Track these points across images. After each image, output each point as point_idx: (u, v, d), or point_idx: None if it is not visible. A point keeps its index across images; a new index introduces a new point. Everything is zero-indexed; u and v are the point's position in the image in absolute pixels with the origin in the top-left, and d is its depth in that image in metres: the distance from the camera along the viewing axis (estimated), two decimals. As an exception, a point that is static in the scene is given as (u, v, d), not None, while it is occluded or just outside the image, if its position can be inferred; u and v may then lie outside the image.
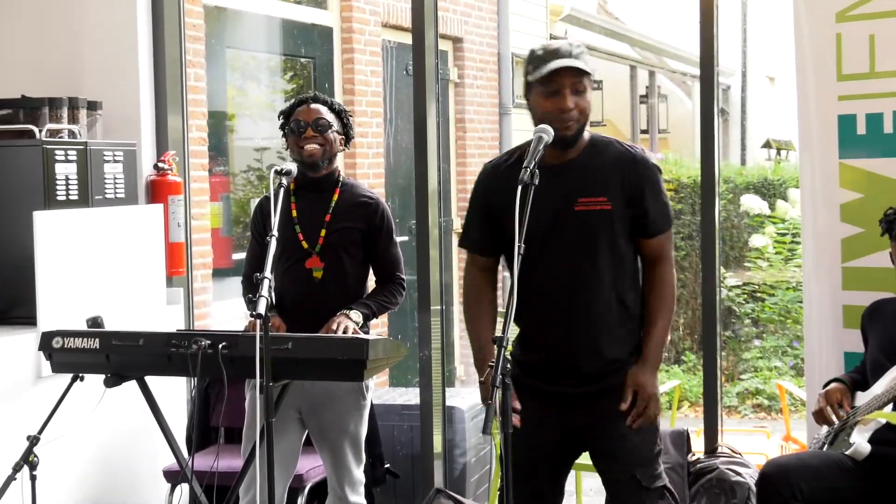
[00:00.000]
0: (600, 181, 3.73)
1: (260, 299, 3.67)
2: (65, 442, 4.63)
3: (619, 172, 3.75)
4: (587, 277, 3.73)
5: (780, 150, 17.35)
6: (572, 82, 3.65)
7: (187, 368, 4.07)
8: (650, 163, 3.80)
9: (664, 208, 3.82)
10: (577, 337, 3.75)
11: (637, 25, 16.74)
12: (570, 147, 3.73)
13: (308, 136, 4.48)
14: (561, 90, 3.65)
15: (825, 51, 5.02)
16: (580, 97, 3.67)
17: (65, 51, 5.89)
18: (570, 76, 3.65)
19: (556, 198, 3.71)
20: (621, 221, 3.74)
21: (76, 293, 5.03)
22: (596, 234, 3.72)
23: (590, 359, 3.76)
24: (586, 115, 3.71)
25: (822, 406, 4.34)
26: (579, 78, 3.66)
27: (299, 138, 4.48)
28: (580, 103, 3.67)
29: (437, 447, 5.76)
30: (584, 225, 3.71)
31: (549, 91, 3.67)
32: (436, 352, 5.77)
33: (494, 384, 3.19)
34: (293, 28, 8.41)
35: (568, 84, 3.65)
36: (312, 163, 4.48)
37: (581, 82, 3.66)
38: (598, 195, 3.72)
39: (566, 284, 3.73)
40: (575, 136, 3.71)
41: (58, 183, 5.11)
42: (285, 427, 4.47)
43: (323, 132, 4.50)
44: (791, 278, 10.92)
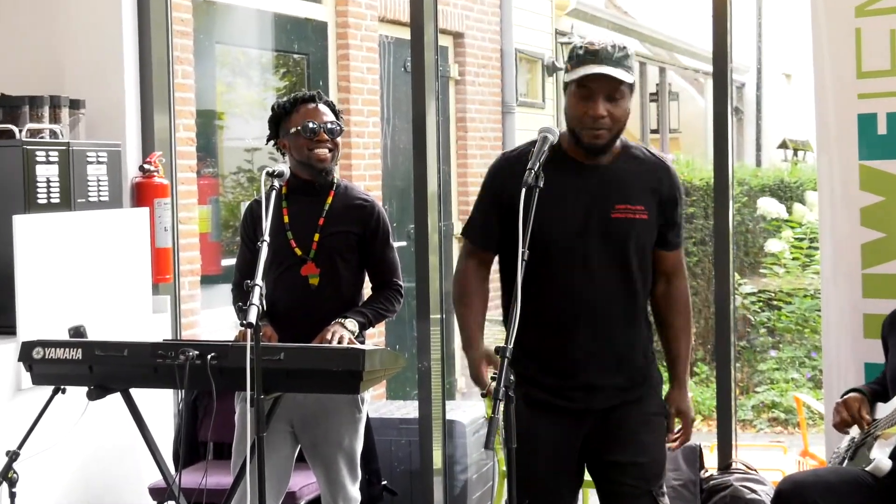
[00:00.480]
0: (639, 189, 3.76)
1: (251, 308, 3.67)
2: (46, 458, 4.63)
3: (656, 182, 3.79)
4: (618, 287, 3.74)
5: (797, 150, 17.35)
6: (607, 89, 3.64)
7: (174, 380, 4.06)
8: (677, 174, 3.88)
9: (682, 222, 3.90)
10: (601, 349, 3.75)
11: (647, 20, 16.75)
12: (602, 154, 3.73)
13: (321, 139, 4.48)
14: (594, 96, 3.65)
15: (844, 47, 5.03)
16: (615, 105, 3.65)
17: (46, 46, 5.90)
18: (605, 83, 3.64)
19: (590, 199, 3.72)
20: (652, 233, 3.79)
21: (58, 301, 5.03)
22: (630, 242, 3.73)
23: (614, 373, 3.77)
24: (621, 124, 3.70)
25: (843, 416, 4.34)
26: (616, 85, 3.64)
27: (311, 141, 4.48)
28: (614, 112, 3.66)
29: (437, 463, 5.77)
30: (620, 232, 3.72)
31: (583, 95, 3.66)
32: (435, 363, 5.77)
33: (497, 397, 3.19)
34: (286, 22, 8.42)
35: (602, 91, 3.64)
36: (322, 168, 4.48)
37: (618, 90, 3.65)
38: (636, 203, 3.74)
39: (594, 292, 3.72)
40: (606, 145, 3.70)
41: (38, 185, 5.11)
42: (277, 442, 4.47)
43: (334, 137, 4.51)
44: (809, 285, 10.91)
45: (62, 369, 4.27)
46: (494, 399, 3.20)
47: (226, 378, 4.04)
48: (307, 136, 4.47)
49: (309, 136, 4.47)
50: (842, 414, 4.34)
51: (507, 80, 11.13)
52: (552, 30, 12.35)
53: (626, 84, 3.66)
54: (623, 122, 3.71)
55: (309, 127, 4.47)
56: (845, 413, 4.33)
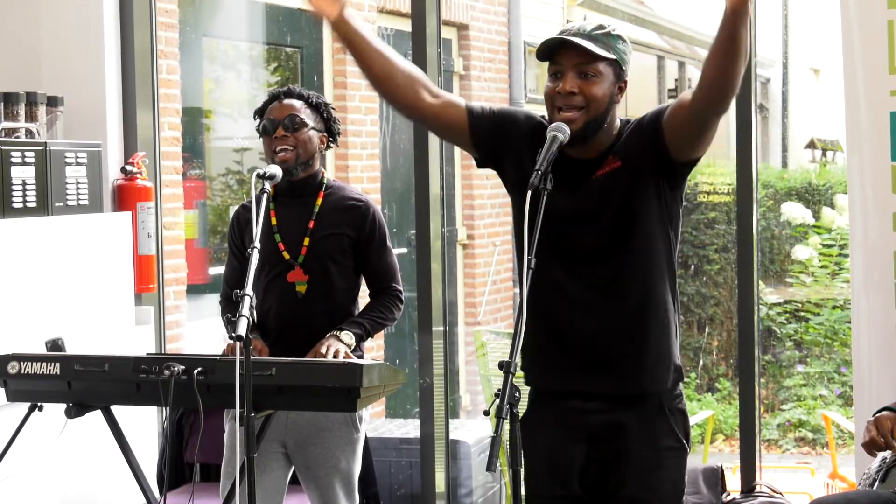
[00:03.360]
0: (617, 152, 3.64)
1: (240, 319, 3.68)
2: (21, 479, 4.64)
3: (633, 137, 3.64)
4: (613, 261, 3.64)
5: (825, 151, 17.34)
6: (577, 63, 3.55)
7: (158, 397, 4.07)
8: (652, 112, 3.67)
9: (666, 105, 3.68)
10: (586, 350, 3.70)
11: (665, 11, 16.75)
12: (580, 143, 3.59)
13: (279, 136, 4.47)
14: (562, 72, 3.58)
15: (876, 40, 5.04)
16: (587, 82, 3.56)
17: (21, 39, 5.91)
18: (574, 56, 3.55)
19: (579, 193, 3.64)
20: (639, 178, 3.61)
21: (34, 312, 5.04)
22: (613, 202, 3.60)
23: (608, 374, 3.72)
24: (598, 106, 3.57)
25: (872, 435, 4.34)
26: (587, 59, 3.54)
27: (271, 140, 4.49)
28: (587, 89, 3.55)
29: (440, 486, 5.77)
30: (599, 193, 3.61)
31: (553, 72, 3.60)
32: (438, 378, 5.78)
33: (501, 415, 3.19)
34: (278, 13, 8.44)
35: (571, 66, 3.56)
36: (285, 168, 4.47)
37: (591, 66, 3.55)
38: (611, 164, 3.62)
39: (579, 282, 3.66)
40: (582, 129, 3.57)
41: (13, 188, 5.12)
42: (268, 463, 4.48)
43: (295, 131, 4.50)
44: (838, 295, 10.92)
45: (39, 385, 4.28)
46: (497, 417, 3.20)
47: (213, 395, 4.04)
48: (267, 135, 4.49)
49: (268, 134, 4.49)
50: (871, 433, 4.33)
51: (514, 75, 11.14)
52: (563, 21, 12.36)
53: (604, 61, 3.56)
54: (601, 105, 3.57)
55: (266, 125, 4.49)
56: (875, 432, 4.32)
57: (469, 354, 9.90)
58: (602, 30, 3.60)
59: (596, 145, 3.65)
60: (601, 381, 3.70)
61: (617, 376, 3.70)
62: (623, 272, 3.66)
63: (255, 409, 3.84)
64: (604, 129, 3.63)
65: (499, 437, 3.17)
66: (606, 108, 3.60)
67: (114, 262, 5.54)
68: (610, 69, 3.60)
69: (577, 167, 3.65)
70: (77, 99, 5.76)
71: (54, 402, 4.33)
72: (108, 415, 4.40)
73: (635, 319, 3.68)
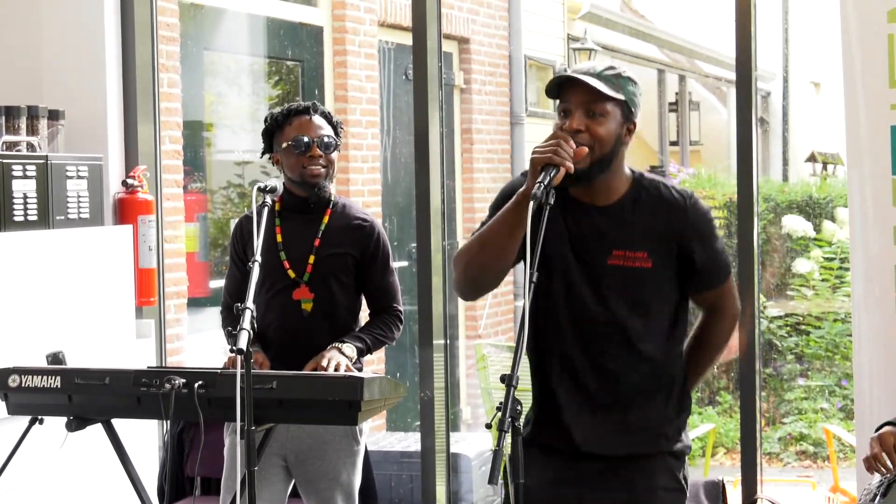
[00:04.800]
0: (643, 232, 3.62)
1: (241, 332, 3.68)
2: (22, 492, 4.63)
3: (667, 224, 3.63)
4: (617, 347, 3.62)
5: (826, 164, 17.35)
6: (584, 102, 3.53)
7: (159, 411, 4.07)
8: (701, 211, 3.69)
9: (720, 260, 3.72)
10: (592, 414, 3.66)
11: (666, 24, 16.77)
12: (585, 182, 3.57)
13: (314, 154, 4.48)
14: (570, 110, 3.55)
15: (876, 54, 5.04)
16: (595, 121, 3.53)
17: (23, 53, 5.92)
18: (581, 94, 3.53)
19: (591, 243, 3.62)
20: (664, 282, 3.65)
21: (35, 325, 5.04)
22: (632, 293, 3.61)
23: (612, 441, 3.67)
24: (604, 145, 3.54)
25: (875, 452, 4.33)
26: (592, 98, 3.52)
27: (303, 156, 4.48)
28: (594, 128, 3.52)
29: (441, 499, 5.77)
30: (619, 281, 3.60)
31: (562, 110, 3.58)
32: (439, 392, 5.77)
33: (503, 429, 3.18)
34: (279, 27, 8.45)
35: (579, 104, 3.54)
36: (315, 184, 4.48)
37: (598, 105, 3.53)
38: (638, 249, 3.60)
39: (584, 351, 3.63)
40: (587, 168, 3.53)
41: (15, 201, 5.13)
42: (269, 476, 4.47)
43: (328, 151, 4.51)
44: (839, 309, 10.91)
45: (40, 398, 4.27)
46: (499, 430, 3.19)
47: (214, 408, 4.04)
48: (299, 151, 4.48)
49: (301, 150, 4.48)
50: (874, 450, 4.32)
51: (515, 89, 11.15)
52: (564, 35, 12.38)
53: (612, 101, 3.54)
54: (607, 145, 3.54)
55: (302, 141, 4.48)
56: (878, 449, 4.31)
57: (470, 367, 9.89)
58: (612, 70, 3.59)
59: (605, 189, 3.63)
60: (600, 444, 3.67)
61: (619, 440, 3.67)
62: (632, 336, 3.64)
63: (256, 422, 3.84)
64: (611, 170, 3.60)
65: (500, 450, 3.16)
66: (613, 149, 3.57)
67: (115, 276, 5.54)
68: (618, 110, 3.57)
69: (587, 210, 3.64)
70: (78, 112, 5.77)
71: (55, 416, 4.32)
72: (109, 428, 4.40)
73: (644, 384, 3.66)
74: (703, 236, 3.68)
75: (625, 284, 3.60)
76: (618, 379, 3.63)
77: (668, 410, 3.70)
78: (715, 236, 3.72)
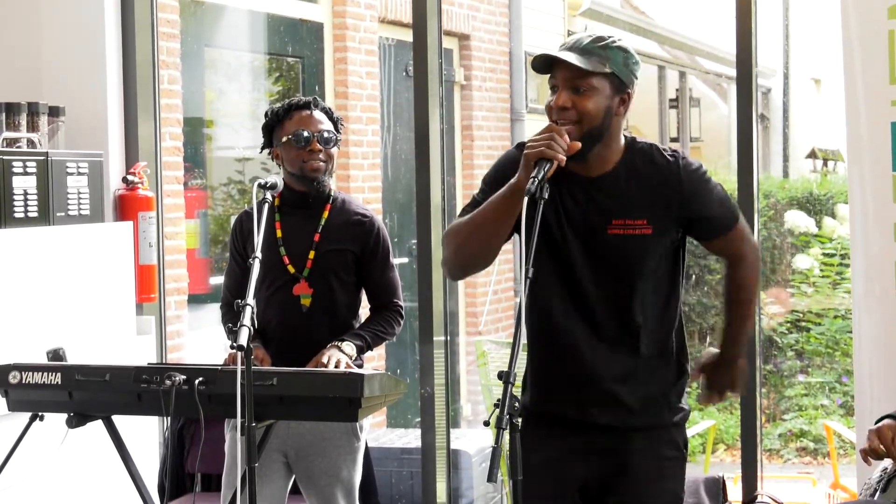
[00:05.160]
0: (641, 199, 3.62)
1: (241, 329, 3.68)
2: (22, 489, 4.63)
3: (664, 187, 3.63)
4: (617, 315, 3.65)
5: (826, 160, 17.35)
6: (569, 78, 3.54)
7: (159, 407, 4.07)
8: (692, 168, 3.68)
9: (722, 208, 3.70)
10: (594, 387, 3.68)
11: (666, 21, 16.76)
12: (579, 160, 3.57)
13: (314, 149, 4.49)
14: (556, 86, 3.57)
15: (876, 50, 5.04)
16: (581, 97, 3.53)
17: (23, 49, 5.92)
18: (566, 71, 3.54)
19: (590, 216, 3.63)
20: (664, 246, 3.66)
21: (35, 322, 5.04)
22: (632, 262, 3.62)
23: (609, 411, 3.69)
24: (592, 120, 3.54)
25: (874, 445, 4.33)
26: (576, 74, 3.53)
27: (302, 151, 4.49)
28: (580, 103, 3.53)
29: (441, 496, 5.77)
30: (619, 251, 3.61)
31: (550, 86, 3.60)
32: (439, 388, 5.78)
33: (501, 426, 3.18)
34: (279, 24, 8.45)
35: (565, 81, 3.55)
36: (315, 178, 4.48)
37: (584, 80, 3.53)
38: (638, 216, 3.61)
39: (588, 320, 3.65)
40: (579, 142, 3.53)
41: (15, 198, 5.13)
42: (269, 473, 4.48)
43: (328, 146, 4.51)
44: (840, 305, 10.92)
45: (40, 395, 4.27)
46: (498, 427, 3.19)
47: (215, 405, 4.04)
48: (299, 146, 4.48)
49: (301, 145, 4.48)
50: (873, 443, 4.32)
51: (516, 86, 11.15)
52: (565, 31, 12.37)
53: (597, 76, 3.54)
54: (595, 119, 3.54)
55: (301, 136, 4.48)
56: (876, 441, 4.31)
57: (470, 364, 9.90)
58: (600, 42, 3.57)
59: (599, 161, 3.63)
60: (604, 415, 3.70)
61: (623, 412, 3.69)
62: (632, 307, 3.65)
63: (257, 418, 3.84)
64: (604, 142, 3.61)
65: (499, 447, 3.17)
66: (602, 122, 3.57)
67: (115, 272, 5.54)
68: (606, 82, 3.57)
69: (582, 182, 3.64)
70: (78, 109, 5.77)
71: (55, 412, 4.32)
72: (109, 424, 4.40)
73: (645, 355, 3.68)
74: (700, 193, 3.67)
75: (625, 254, 3.61)
76: (615, 349, 3.65)
77: (669, 376, 3.73)
78: (711, 189, 3.69)
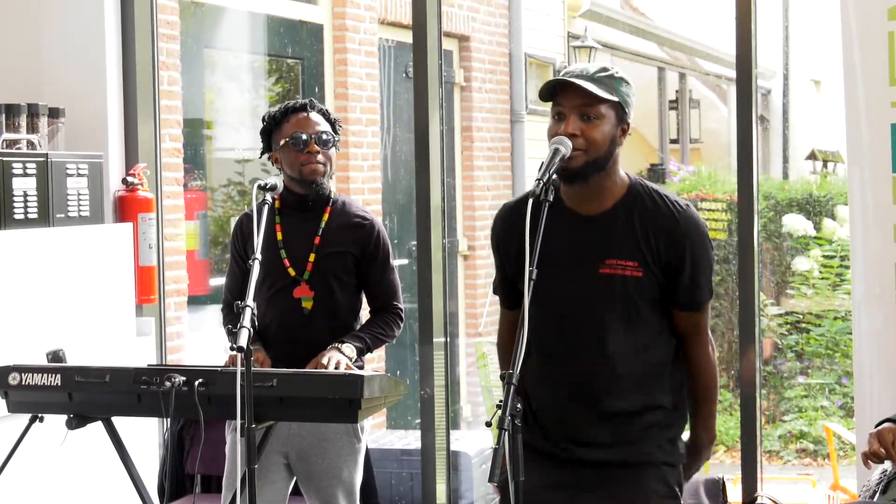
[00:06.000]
0: (634, 241, 3.61)
1: (241, 330, 3.68)
2: (22, 490, 4.63)
3: (659, 235, 3.61)
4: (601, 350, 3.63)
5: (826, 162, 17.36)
6: (579, 105, 3.54)
7: (159, 408, 4.07)
8: (694, 223, 3.66)
9: (706, 280, 3.69)
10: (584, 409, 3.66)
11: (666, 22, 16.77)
12: (577, 181, 3.60)
13: (312, 151, 4.48)
14: (565, 113, 3.56)
15: (876, 52, 5.04)
16: (589, 125, 3.54)
17: (23, 51, 5.92)
18: (576, 98, 3.54)
19: (578, 253, 3.63)
20: (651, 291, 3.63)
21: (35, 323, 5.04)
22: (617, 302, 3.61)
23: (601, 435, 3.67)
24: (598, 148, 3.55)
25: (874, 448, 4.33)
26: (589, 101, 3.53)
27: (301, 153, 4.48)
28: (589, 132, 3.53)
29: (441, 497, 5.77)
30: (607, 290, 3.61)
31: (556, 114, 3.58)
32: (439, 390, 5.77)
33: (502, 427, 3.19)
34: (279, 25, 8.45)
35: (573, 108, 3.55)
36: (314, 181, 4.48)
37: (593, 108, 3.54)
38: (630, 258, 3.60)
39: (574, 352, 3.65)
40: (582, 169, 3.55)
41: (15, 199, 5.12)
42: (270, 474, 4.48)
43: (326, 148, 4.51)
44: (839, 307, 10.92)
45: (40, 396, 4.27)
46: (499, 428, 3.20)
47: (214, 406, 4.04)
48: (297, 149, 4.48)
49: (299, 147, 4.48)
50: (873, 446, 4.32)
51: (516, 87, 11.15)
52: (564, 33, 12.38)
53: (606, 103, 3.55)
54: (602, 148, 3.55)
55: (299, 138, 4.48)
56: (877, 445, 4.31)
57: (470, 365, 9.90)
58: (605, 72, 3.60)
59: (599, 194, 3.64)
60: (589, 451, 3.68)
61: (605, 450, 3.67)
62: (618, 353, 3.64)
63: (257, 420, 3.84)
64: (606, 172, 3.61)
65: (500, 448, 3.17)
66: (607, 151, 3.59)
67: (115, 274, 5.54)
68: (612, 111, 3.58)
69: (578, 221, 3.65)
70: (78, 110, 5.77)
71: (55, 414, 4.32)
72: (109, 426, 4.40)
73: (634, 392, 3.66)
74: (695, 250, 3.63)
75: (612, 295, 3.61)
76: (600, 394, 3.64)
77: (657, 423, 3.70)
78: (706, 252, 3.66)
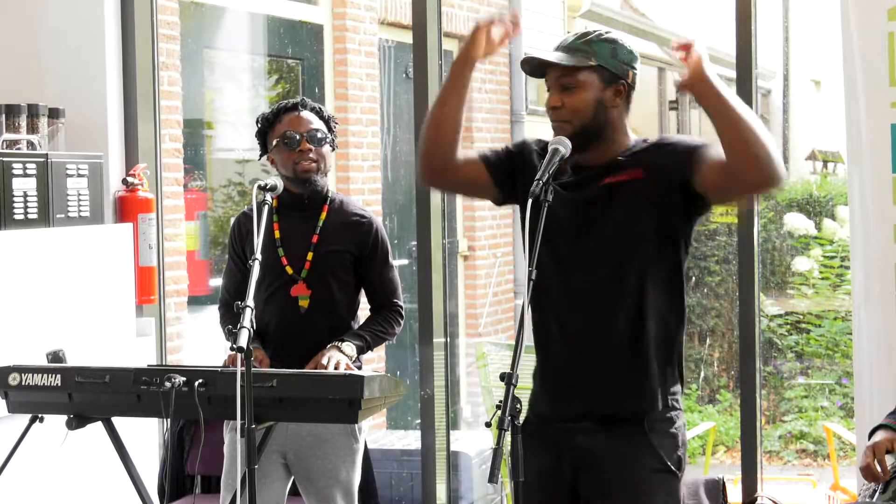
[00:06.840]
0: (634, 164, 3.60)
1: (241, 330, 3.68)
2: (22, 490, 4.63)
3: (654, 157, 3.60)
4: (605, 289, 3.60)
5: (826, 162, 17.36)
6: (555, 77, 3.60)
7: (159, 409, 4.07)
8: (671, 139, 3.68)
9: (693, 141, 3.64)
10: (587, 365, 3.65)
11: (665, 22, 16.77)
12: (582, 150, 3.59)
13: (304, 149, 4.48)
14: (549, 86, 3.63)
15: (876, 52, 5.05)
16: (569, 94, 3.57)
17: (23, 51, 5.92)
18: (552, 70, 3.61)
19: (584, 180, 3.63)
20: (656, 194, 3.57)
21: (35, 323, 5.04)
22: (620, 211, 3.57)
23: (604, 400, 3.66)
24: (583, 115, 3.57)
25: (868, 461, 4.32)
26: (563, 72, 3.57)
27: (293, 152, 4.48)
28: (569, 101, 3.57)
29: (441, 497, 5.77)
30: (611, 200, 3.58)
31: (547, 88, 3.65)
32: (439, 390, 5.77)
33: (503, 427, 3.18)
34: (279, 26, 8.45)
35: (553, 80, 3.61)
36: (307, 179, 4.48)
37: (569, 78, 3.57)
38: (630, 169, 3.58)
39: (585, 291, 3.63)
40: (574, 139, 3.56)
41: (15, 200, 5.13)
42: (269, 474, 4.48)
43: (318, 145, 4.51)
44: (840, 307, 10.92)
45: (40, 396, 4.28)
46: (499, 428, 3.19)
47: (214, 406, 4.04)
48: (289, 147, 4.48)
49: (291, 146, 4.48)
50: (868, 459, 4.31)
51: (516, 88, 11.15)
52: (564, 33, 12.38)
53: (583, 71, 3.57)
54: (586, 114, 3.57)
55: (291, 137, 4.48)
56: (870, 458, 4.30)
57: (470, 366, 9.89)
58: (584, 38, 3.61)
59: (604, 152, 3.64)
60: (576, 402, 3.66)
61: (592, 397, 3.65)
62: (616, 286, 3.61)
63: (256, 420, 3.84)
64: (606, 135, 3.62)
65: (500, 448, 3.16)
66: (595, 116, 3.59)
67: (115, 274, 5.54)
68: (594, 76, 3.59)
69: (586, 171, 3.65)
70: (78, 111, 5.77)
71: (55, 414, 4.33)
72: (109, 426, 4.40)
73: (623, 338, 3.62)
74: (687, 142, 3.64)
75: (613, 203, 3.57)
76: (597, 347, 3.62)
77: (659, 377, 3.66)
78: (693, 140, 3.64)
